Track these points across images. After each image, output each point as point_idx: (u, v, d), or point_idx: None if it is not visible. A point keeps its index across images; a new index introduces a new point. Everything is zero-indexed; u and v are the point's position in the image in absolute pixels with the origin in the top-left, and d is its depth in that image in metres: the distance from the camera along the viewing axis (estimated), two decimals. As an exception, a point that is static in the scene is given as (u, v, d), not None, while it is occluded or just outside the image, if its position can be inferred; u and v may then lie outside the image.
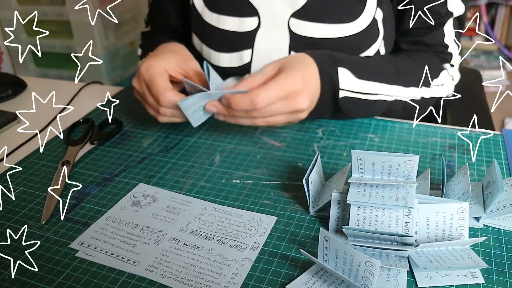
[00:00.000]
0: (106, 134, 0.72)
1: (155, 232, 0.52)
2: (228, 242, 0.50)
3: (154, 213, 0.55)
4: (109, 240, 0.51)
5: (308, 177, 0.53)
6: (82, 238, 0.52)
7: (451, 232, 0.47)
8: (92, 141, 0.70)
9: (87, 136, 0.71)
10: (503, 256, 0.48)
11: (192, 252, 0.49)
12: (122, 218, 0.55)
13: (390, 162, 0.47)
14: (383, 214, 0.47)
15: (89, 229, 0.53)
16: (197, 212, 0.55)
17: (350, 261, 0.42)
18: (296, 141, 0.69)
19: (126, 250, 0.50)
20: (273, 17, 0.74)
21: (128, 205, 0.57)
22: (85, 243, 0.51)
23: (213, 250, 0.49)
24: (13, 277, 0.47)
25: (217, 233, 0.52)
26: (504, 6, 2.53)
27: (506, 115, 2.14)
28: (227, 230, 0.52)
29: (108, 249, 0.50)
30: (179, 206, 0.56)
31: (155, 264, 0.48)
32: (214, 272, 0.47)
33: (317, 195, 0.55)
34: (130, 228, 0.53)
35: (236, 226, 0.53)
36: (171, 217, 0.54)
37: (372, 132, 0.71)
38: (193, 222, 0.53)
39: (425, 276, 0.45)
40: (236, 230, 0.52)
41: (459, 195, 0.51)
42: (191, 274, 0.46)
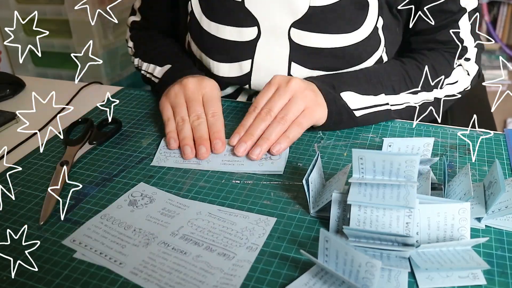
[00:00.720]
0: (105, 134, 0.71)
1: (146, 234, 0.52)
2: (217, 250, 0.49)
3: (149, 215, 0.55)
4: (100, 239, 0.51)
5: (308, 177, 0.53)
6: (74, 236, 0.52)
7: (452, 232, 0.47)
8: (91, 141, 0.69)
9: (86, 136, 0.71)
10: (505, 257, 0.48)
11: (178, 257, 0.48)
12: (117, 218, 0.54)
13: (391, 161, 0.47)
14: (384, 215, 0.47)
15: (82, 226, 0.53)
16: (191, 217, 0.54)
17: (350, 262, 0.42)
18: (296, 141, 0.69)
19: (115, 251, 0.49)
20: (273, 27, 0.73)
21: (124, 204, 0.56)
22: (76, 240, 0.51)
23: (200, 257, 0.48)
24: (13, 277, 0.47)
25: (207, 239, 0.51)
26: (506, 5, 2.52)
27: (508, 115, 2.14)
28: (218, 238, 0.51)
29: (97, 248, 0.50)
30: (175, 209, 0.56)
31: (141, 267, 0.47)
32: (197, 280, 0.46)
33: (318, 196, 0.55)
34: (123, 228, 0.53)
35: (228, 234, 0.51)
36: (165, 220, 0.54)
37: (373, 132, 0.71)
38: (185, 226, 0.53)
39: (426, 277, 0.45)
40: (227, 238, 0.51)
41: (460, 196, 0.51)
42: (174, 280, 0.46)
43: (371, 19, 0.72)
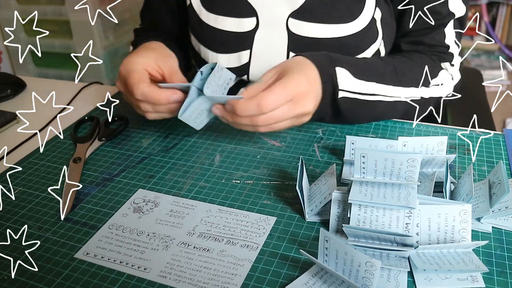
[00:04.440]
0: (113, 130, 0.72)
1: (162, 237, 0.52)
2: (239, 242, 0.50)
3: (158, 218, 0.55)
4: (115, 248, 0.51)
5: (301, 184, 0.53)
6: (86, 248, 0.51)
7: (453, 234, 0.47)
8: (100, 137, 0.71)
9: (94, 132, 0.72)
10: (504, 257, 0.48)
11: (203, 255, 0.49)
12: (126, 225, 0.54)
13: (393, 160, 0.47)
14: (384, 215, 0.47)
15: (93, 238, 0.52)
16: (203, 215, 0.55)
17: (350, 261, 0.42)
18: (296, 141, 0.69)
19: (135, 258, 0.49)
20: (271, 18, 0.74)
21: (129, 212, 0.56)
22: (90, 253, 0.50)
23: (225, 251, 0.49)
24: (13, 277, 0.47)
25: (226, 234, 0.51)
26: (505, 5, 2.52)
27: (507, 115, 2.14)
28: (236, 231, 0.52)
29: (115, 257, 0.49)
30: (183, 210, 0.56)
31: (168, 270, 0.47)
32: (229, 273, 0.46)
33: (309, 200, 0.55)
34: (136, 235, 0.52)
35: (244, 226, 0.52)
36: (176, 221, 0.54)
37: (373, 132, 0.71)
38: (199, 225, 0.53)
39: (425, 278, 0.45)
40: (244, 230, 0.52)
41: (463, 197, 0.51)
42: (206, 277, 0.46)
43: (368, 9, 0.73)
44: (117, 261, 0.49)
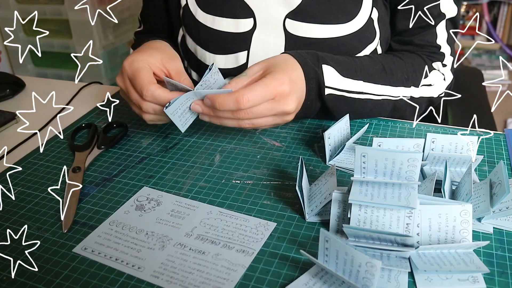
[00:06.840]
0: (113, 138, 0.70)
1: (160, 237, 0.52)
2: (235, 247, 0.50)
3: (159, 217, 0.55)
4: (113, 245, 0.51)
5: (301, 184, 0.53)
6: (85, 243, 0.51)
7: (454, 235, 0.47)
8: (99, 145, 0.69)
9: (93, 141, 0.70)
10: (505, 258, 0.48)
11: (198, 257, 0.49)
12: (126, 223, 0.54)
13: (393, 159, 0.47)
14: (384, 215, 0.47)
15: (92, 233, 0.52)
16: (203, 217, 0.54)
17: (350, 262, 0.42)
18: (296, 141, 0.69)
19: (131, 256, 0.49)
20: (268, 18, 0.74)
21: (131, 209, 0.56)
22: (88, 248, 0.50)
23: (220, 255, 0.49)
24: (13, 277, 0.47)
25: (223, 237, 0.51)
26: (506, 4, 2.52)
27: (508, 115, 2.14)
28: (234, 235, 0.51)
29: (112, 254, 0.49)
30: (184, 210, 0.56)
31: (161, 270, 0.47)
32: (221, 278, 0.46)
33: (309, 201, 0.55)
34: (135, 232, 0.52)
35: (243, 230, 0.52)
36: (176, 221, 0.54)
37: (373, 132, 0.71)
38: (198, 226, 0.53)
39: (425, 279, 0.45)
40: (243, 234, 0.51)
41: (463, 196, 0.51)
42: (198, 280, 0.46)
43: (365, 10, 0.73)
44: (113, 258, 0.49)
